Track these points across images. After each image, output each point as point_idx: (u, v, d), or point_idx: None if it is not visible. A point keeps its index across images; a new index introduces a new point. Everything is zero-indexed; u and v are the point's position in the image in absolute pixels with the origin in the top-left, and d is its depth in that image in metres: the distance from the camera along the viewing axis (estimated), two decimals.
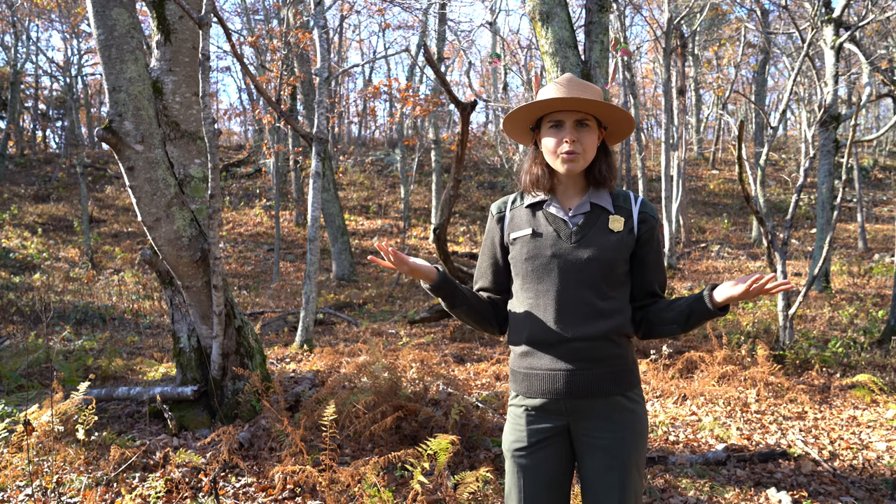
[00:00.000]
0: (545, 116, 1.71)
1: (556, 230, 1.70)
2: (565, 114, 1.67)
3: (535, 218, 1.74)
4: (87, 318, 9.24)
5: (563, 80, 1.70)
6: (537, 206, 1.76)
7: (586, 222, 1.69)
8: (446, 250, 6.73)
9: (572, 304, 1.65)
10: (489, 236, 1.84)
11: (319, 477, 2.81)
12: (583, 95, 1.66)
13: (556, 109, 1.68)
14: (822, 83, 10.46)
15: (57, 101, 26.52)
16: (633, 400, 1.67)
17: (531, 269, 1.70)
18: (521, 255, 1.72)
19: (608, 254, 1.65)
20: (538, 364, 1.68)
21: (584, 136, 1.67)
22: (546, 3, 5.05)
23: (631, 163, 21.77)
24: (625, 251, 1.68)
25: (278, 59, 13.04)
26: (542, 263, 1.68)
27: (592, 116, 1.69)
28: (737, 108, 29.19)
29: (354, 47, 31.56)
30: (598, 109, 1.66)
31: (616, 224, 1.69)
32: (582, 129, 1.67)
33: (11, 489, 3.07)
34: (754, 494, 3.25)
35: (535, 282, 1.69)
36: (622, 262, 1.68)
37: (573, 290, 1.65)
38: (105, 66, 3.54)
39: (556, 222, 1.71)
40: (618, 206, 1.72)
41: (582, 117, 1.67)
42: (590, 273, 1.64)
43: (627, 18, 20.73)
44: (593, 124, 1.69)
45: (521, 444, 1.70)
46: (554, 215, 1.72)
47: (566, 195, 1.75)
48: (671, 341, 6.69)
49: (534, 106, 1.68)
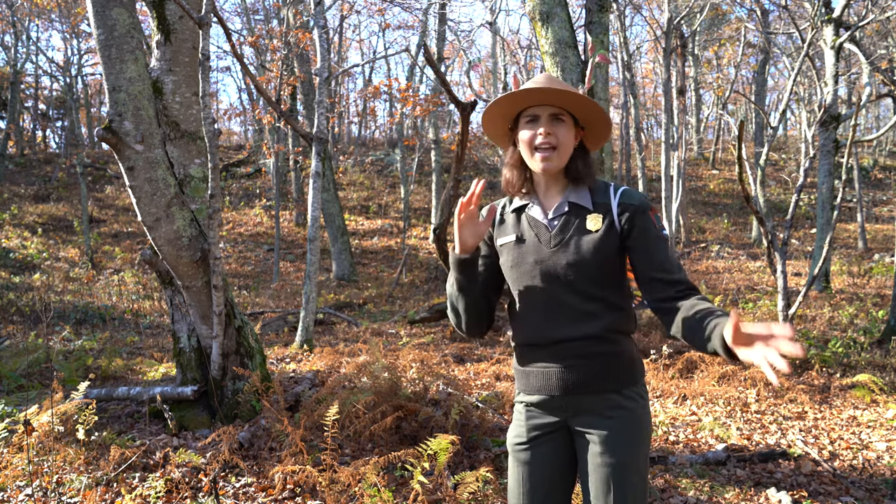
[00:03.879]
0: (521, 114, 1.72)
1: (538, 235, 1.70)
2: (541, 108, 1.67)
3: (520, 223, 1.74)
4: (87, 318, 9.24)
5: (539, 77, 1.70)
6: (521, 211, 1.76)
7: (564, 224, 1.68)
8: (446, 250, 6.73)
9: (557, 308, 1.65)
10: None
11: (319, 477, 2.81)
12: (562, 90, 1.66)
13: (531, 104, 1.68)
14: (822, 83, 10.46)
15: (57, 101, 26.52)
16: (629, 397, 1.65)
17: (516, 276, 1.71)
18: (508, 262, 1.73)
19: (587, 256, 1.63)
20: (534, 363, 1.71)
21: (559, 130, 1.66)
22: (546, 3, 5.05)
23: (631, 163, 21.76)
24: (607, 249, 1.64)
25: (278, 59, 13.04)
26: (526, 271, 1.69)
27: (569, 114, 1.69)
28: (737, 108, 29.19)
29: (354, 47, 31.58)
30: (570, 102, 1.65)
31: (594, 222, 1.66)
32: (557, 123, 1.67)
33: (11, 489, 3.07)
34: (754, 494, 3.25)
35: (522, 288, 1.71)
36: (606, 260, 1.64)
37: (557, 295, 1.65)
38: (105, 66, 3.54)
39: (537, 227, 1.71)
40: (596, 203, 1.69)
41: (557, 111, 1.67)
42: (571, 278, 1.63)
43: (627, 18, 20.74)
44: (569, 121, 1.68)
45: (521, 440, 1.72)
46: (535, 219, 1.72)
47: (547, 195, 1.74)
48: (671, 341, 6.69)
49: (509, 98, 1.67)
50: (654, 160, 24.62)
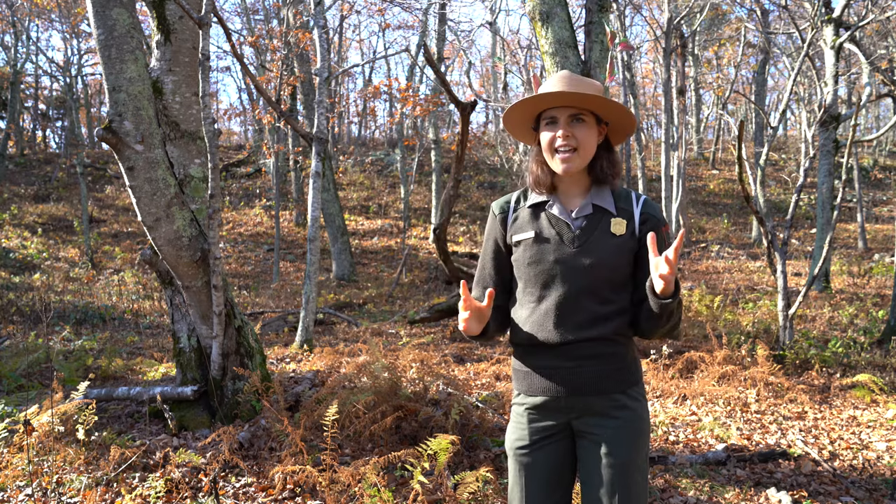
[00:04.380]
0: (542, 114, 1.70)
1: (559, 233, 1.68)
2: (559, 110, 1.65)
3: (538, 220, 1.72)
4: (87, 318, 9.23)
5: (557, 77, 1.68)
6: (540, 207, 1.73)
7: (588, 225, 1.67)
8: (446, 250, 6.73)
9: (573, 309, 1.64)
10: (490, 237, 1.81)
11: (319, 477, 2.81)
12: (577, 90, 1.62)
13: (549, 106, 1.66)
14: (822, 83, 10.46)
15: (57, 101, 26.52)
16: (633, 398, 1.67)
17: (534, 273, 1.68)
18: (524, 258, 1.70)
19: (610, 259, 1.63)
20: (538, 363, 1.69)
21: (579, 132, 1.63)
22: (546, 3, 5.05)
23: (631, 163, 21.73)
24: (627, 254, 1.66)
25: (278, 59, 13.04)
26: (545, 269, 1.66)
27: (591, 112, 1.66)
28: (737, 108, 29.19)
29: (354, 47, 31.57)
30: (590, 103, 1.62)
31: (618, 227, 1.66)
32: (577, 124, 1.64)
33: (11, 489, 3.07)
34: (754, 494, 3.25)
35: (537, 286, 1.68)
36: (625, 265, 1.66)
37: (575, 295, 1.64)
38: (105, 66, 3.54)
39: (558, 225, 1.69)
40: (620, 208, 1.69)
41: (576, 112, 1.64)
42: (592, 279, 1.63)
43: (627, 18, 20.74)
44: (590, 120, 1.65)
45: (524, 443, 1.71)
46: (557, 217, 1.70)
47: (568, 195, 1.73)
48: (671, 341, 6.69)
49: (526, 102, 1.66)
50: (654, 160, 24.61)
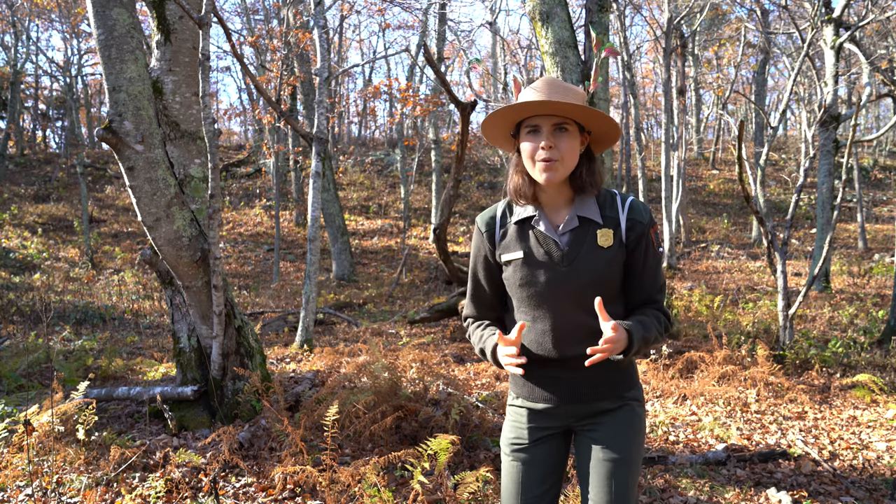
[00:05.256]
0: (523, 122, 1.64)
1: (548, 252, 1.64)
2: (542, 118, 1.59)
3: (527, 239, 1.68)
4: (87, 318, 9.23)
5: (540, 84, 1.62)
6: (527, 224, 1.69)
7: (575, 240, 1.64)
8: (446, 250, 6.74)
9: (569, 327, 1.63)
10: (480, 253, 1.76)
11: (319, 477, 2.81)
12: (562, 99, 1.57)
13: (532, 114, 1.60)
14: (822, 83, 10.46)
15: (57, 101, 26.52)
16: (631, 399, 1.71)
17: (526, 295, 1.66)
18: (515, 279, 1.67)
19: (601, 277, 1.62)
20: (538, 373, 1.70)
21: (562, 142, 1.58)
22: (546, 3, 5.05)
23: (631, 163, 21.77)
24: (617, 265, 1.64)
25: (278, 59, 13.04)
26: (538, 291, 1.64)
27: (573, 121, 1.61)
28: (737, 108, 29.19)
29: (354, 47, 31.58)
30: (575, 113, 1.57)
31: (605, 239, 1.63)
32: (561, 133, 1.59)
33: (11, 489, 3.07)
34: (754, 494, 3.25)
35: (530, 307, 1.66)
36: (616, 277, 1.65)
37: (569, 314, 1.63)
38: (105, 66, 3.54)
39: (546, 243, 1.65)
40: (605, 217, 1.65)
41: (560, 121, 1.59)
42: (585, 297, 1.61)
43: (627, 18, 20.74)
44: (574, 129, 1.60)
45: (523, 442, 1.73)
46: (544, 234, 1.66)
47: (552, 206, 1.69)
48: (671, 341, 6.69)
49: (508, 111, 1.60)
50: (654, 160, 24.62)
